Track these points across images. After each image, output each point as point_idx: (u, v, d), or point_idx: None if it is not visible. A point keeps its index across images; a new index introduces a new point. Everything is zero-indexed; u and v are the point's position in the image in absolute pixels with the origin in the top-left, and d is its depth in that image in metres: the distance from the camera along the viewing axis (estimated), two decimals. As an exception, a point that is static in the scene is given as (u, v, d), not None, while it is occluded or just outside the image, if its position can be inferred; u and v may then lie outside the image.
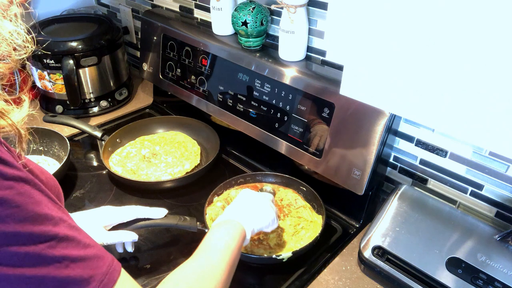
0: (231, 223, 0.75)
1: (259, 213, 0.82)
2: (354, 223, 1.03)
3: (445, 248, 0.82)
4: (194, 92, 1.26)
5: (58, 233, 0.48)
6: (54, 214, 0.49)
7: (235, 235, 0.72)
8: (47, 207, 0.48)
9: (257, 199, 0.85)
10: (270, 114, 1.07)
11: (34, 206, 0.47)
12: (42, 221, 0.47)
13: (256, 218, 0.80)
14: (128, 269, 0.57)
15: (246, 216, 0.78)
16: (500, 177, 0.84)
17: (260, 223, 0.80)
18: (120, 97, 1.49)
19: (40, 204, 0.47)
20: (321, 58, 1.03)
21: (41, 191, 0.49)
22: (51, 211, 0.49)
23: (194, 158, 1.21)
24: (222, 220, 0.77)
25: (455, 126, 0.56)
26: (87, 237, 0.53)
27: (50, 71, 1.34)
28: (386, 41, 0.57)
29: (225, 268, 0.66)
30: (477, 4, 0.47)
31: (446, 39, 0.51)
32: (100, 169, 1.21)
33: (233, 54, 1.11)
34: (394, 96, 0.60)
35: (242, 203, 0.83)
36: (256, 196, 0.85)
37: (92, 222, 0.85)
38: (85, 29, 1.38)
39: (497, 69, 0.48)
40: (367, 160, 0.90)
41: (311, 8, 0.98)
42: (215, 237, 0.71)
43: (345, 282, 0.88)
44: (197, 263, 0.66)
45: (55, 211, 0.49)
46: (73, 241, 0.50)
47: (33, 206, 0.46)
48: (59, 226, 0.49)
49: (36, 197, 0.47)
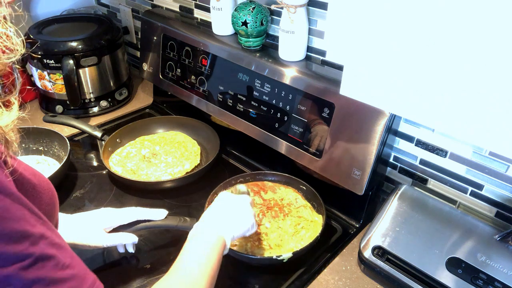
0: (210, 234, 0.73)
1: (238, 219, 0.80)
2: (354, 223, 1.03)
3: (445, 248, 0.82)
4: (194, 92, 1.26)
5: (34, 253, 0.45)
6: (34, 230, 0.46)
7: (215, 247, 0.71)
8: (27, 223, 0.46)
9: (235, 203, 0.83)
10: (270, 114, 1.07)
11: (11, 223, 0.44)
12: (17, 239, 0.44)
13: (236, 225, 0.78)
14: (128, 269, 0.57)
15: (225, 223, 0.77)
16: (500, 177, 0.84)
17: (239, 230, 0.79)
18: (120, 97, 1.49)
19: (19, 220, 0.45)
20: (321, 58, 1.03)
21: (22, 205, 0.46)
22: (32, 227, 0.46)
23: (194, 158, 1.21)
24: (200, 230, 0.75)
25: (455, 126, 0.56)
26: (69, 255, 0.50)
27: (50, 71, 1.34)
28: (386, 41, 0.57)
29: (206, 282, 0.65)
30: (477, 4, 0.47)
31: (446, 38, 0.51)
32: (100, 169, 1.21)
33: (233, 54, 1.11)
34: (394, 96, 0.60)
35: (221, 209, 0.81)
36: (234, 200, 0.83)
37: (92, 224, 0.84)
38: (85, 29, 1.38)
39: (497, 69, 0.48)
40: (367, 160, 0.90)
41: (311, 8, 0.98)
42: (194, 251, 0.70)
43: (345, 282, 0.88)
44: (178, 279, 0.64)
45: (36, 227, 0.47)
46: (50, 261, 0.47)
47: (10, 223, 0.44)
48: (37, 244, 0.46)
49: (15, 212, 0.45)
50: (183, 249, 0.70)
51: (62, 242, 0.51)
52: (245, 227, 0.80)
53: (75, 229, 0.83)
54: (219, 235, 0.73)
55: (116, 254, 0.94)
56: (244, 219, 0.81)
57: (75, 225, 0.83)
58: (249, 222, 0.81)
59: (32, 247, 0.45)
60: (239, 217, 0.81)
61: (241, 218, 0.81)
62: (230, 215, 0.80)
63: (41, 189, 0.55)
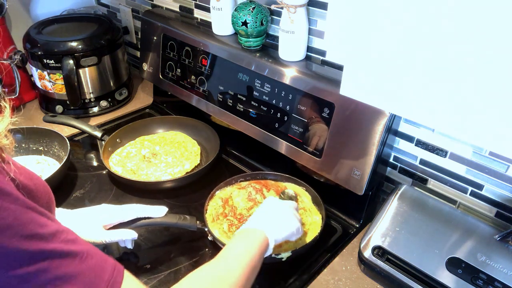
0: (253, 231, 0.74)
1: (283, 222, 0.80)
2: (354, 223, 1.03)
3: (445, 248, 0.82)
4: (194, 92, 1.26)
5: (55, 249, 0.47)
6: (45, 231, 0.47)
7: (256, 243, 0.72)
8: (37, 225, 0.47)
9: (281, 207, 0.83)
10: (270, 114, 1.07)
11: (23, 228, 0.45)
12: (31, 240, 0.45)
13: (280, 228, 0.79)
14: (128, 268, 0.57)
15: (270, 225, 0.77)
16: (500, 177, 0.84)
17: (284, 232, 0.79)
18: (120, 97, 1.49)
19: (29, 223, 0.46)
20: (321, 58, 1.03)
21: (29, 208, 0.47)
22: (43, 228, 0.47)
23: (194, 158, 1.21)
24: (245, 228, 0.76)
25: (455, 126, 0.56)
26: (85, 247, 0.52)
27: (50, 71, 1.34)
28: (386, 41, 0.57)
29: (242, 274, 0.65)
30: (476, 5, 0.47)
31: (446, 39, 0.51)
32: (100, 169, 1.21)
33: (233, 54, 1.11)
34: (394, 96, 0.60)
35: (266, 212, 0.82)
36: (280, 204, 0.84)
37: (92, 220, 0.85)
38: (85, 29, 1.38)
39: (497, 69, 0.48)
40: (367, 160, 0.90)
41: (311, 8, 0.98)
42: (235, 243, 0.71)
43: (345, 282, 0.88)
44: (214, 266, 0.65)
45: (48, 227, 0.48)
46: (68, 256, 0.48)
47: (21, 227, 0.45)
48: (52, 242, 0.47)
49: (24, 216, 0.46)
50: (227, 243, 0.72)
51: (74, 236, 0.52)
52: (289, 231, 0.80)
53: (75, 224, 0.83)
54: (262, 233, 0.74)
55: (115, 252, 0.95)
56: (288, 223, 0.81)
57: (76, 220, 0.84)
58: (294, 226, 0.81)
59: (48, 245, 0.46)
60: (283, 220, 0.81)
61: (286, 221, 0.81)
62: (275, 217, 0.80)
63: (38, 193, 0.55)
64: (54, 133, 1.21)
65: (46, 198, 0.58)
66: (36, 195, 0.54)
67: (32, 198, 0.53)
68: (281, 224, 0.80)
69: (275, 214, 0.81)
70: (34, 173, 0.58)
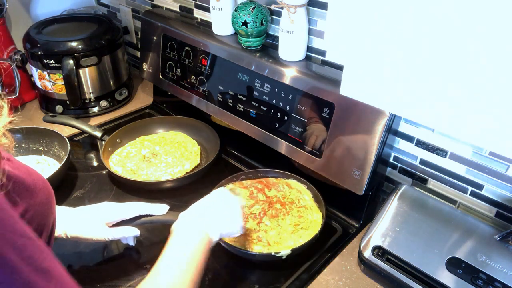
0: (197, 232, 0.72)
1: (229, 218, 0.79)
2: (354, 223, 1.03)
3: (445, 248, 0.82)
4: (194, 92, 1.26)
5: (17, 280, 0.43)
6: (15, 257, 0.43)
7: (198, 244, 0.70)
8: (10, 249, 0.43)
9: (227, 201, 0.82)
10: (270, 114, 1.07)
11: None
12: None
13: (225, 224, 0.77)
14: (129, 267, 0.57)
15: (215, 221, 0.76)
16: (500, 177, 0.84)
17: (227, 229, 0.78)
18: (120, 97, 1.49)
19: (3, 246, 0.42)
20: (321, 58, 1.03)
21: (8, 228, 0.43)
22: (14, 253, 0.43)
23: (194, 158, 1.21)
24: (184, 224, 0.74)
25: (455, 126, 0.56)
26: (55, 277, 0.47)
27: (50, 71, 1.34)
28: (386, 41, 0.57)
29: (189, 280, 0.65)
30: (476, 5, 0.47)
31: (446, 39, 0.51)
32: (100, 169, 1.21)
33: (233, 54, 1.11)
34: (394, 96, 0.60)
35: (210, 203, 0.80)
36: (227, 197, 0.82)
37: (94, 218, 0.85)
38: (85, 29, 1.38)
39: (497, 69, 0.48)
40: (367, 160, 0.90)
41: (311, 8, 0.98)
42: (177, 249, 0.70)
43: (345, 282, 0.88)
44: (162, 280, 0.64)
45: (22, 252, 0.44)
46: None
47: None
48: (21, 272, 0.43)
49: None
50: (166, 246, 0.70)
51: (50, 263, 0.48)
52: (233, 229, 0.79)
53: (78, 222, 0.83)
54: (204, 232, 0.73)
55: (116, 250, 0.95)
56: (234, 220, 0.80)
57: (78, 218, 0.84)
58: (238, 224, 0.80)
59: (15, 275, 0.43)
60: (229, 216, 0.80)
61: (231, 218, 0.80)
62: (221, 213, 0.79)
63: (35, 189, 0.54)
64: (54, 133, 1.21)
65: (46, 194, 0.57)
66: (34, 190, 0.54)
67: (29, 194, 0.53)
68: (226, 220, 0.78)
69: (219, 207, 0.79)
70: (34, 170, 0.58)
